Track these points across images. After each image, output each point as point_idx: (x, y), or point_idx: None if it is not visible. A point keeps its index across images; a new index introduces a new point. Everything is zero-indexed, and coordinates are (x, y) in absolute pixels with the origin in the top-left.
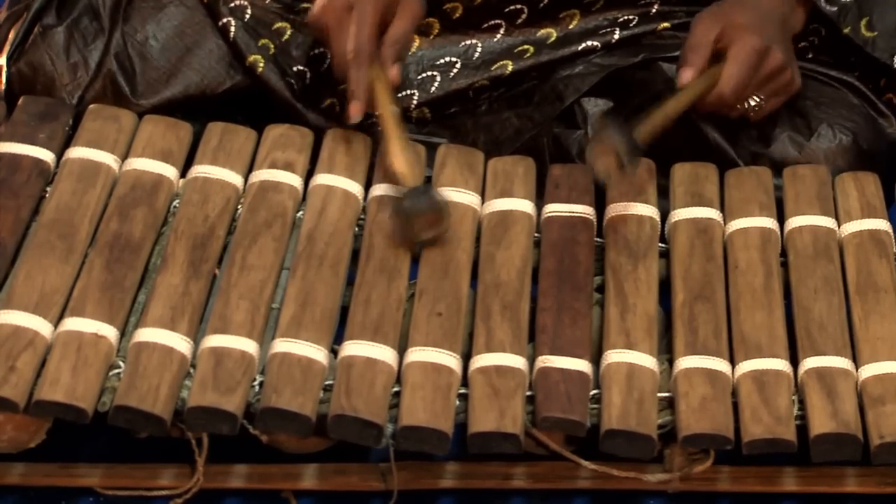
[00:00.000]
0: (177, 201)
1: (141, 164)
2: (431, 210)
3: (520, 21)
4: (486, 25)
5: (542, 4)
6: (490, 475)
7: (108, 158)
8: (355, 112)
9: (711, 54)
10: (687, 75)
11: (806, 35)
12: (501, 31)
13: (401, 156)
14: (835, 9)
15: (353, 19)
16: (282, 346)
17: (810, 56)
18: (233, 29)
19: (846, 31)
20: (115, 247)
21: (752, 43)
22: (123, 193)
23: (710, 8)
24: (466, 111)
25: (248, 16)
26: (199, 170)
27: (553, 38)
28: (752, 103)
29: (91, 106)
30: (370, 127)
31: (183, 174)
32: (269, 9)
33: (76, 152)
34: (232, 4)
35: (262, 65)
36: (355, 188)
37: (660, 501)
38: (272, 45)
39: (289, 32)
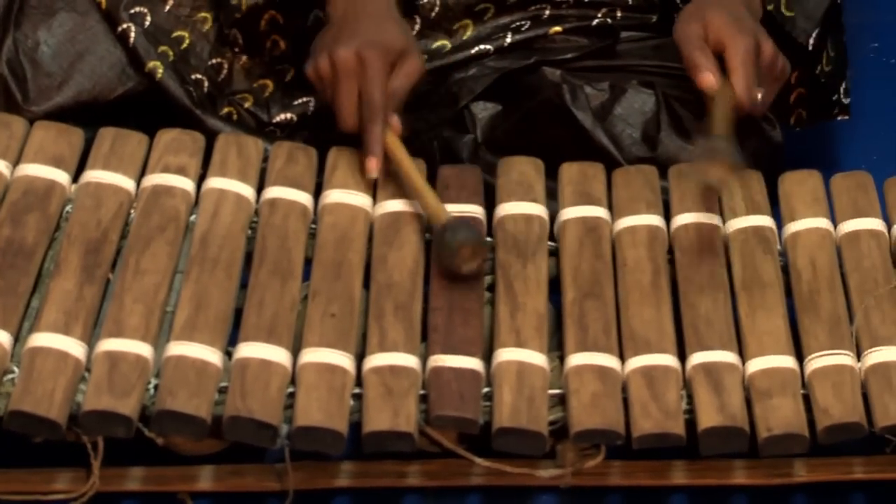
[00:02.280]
0: (69, 207)
1: (33, 169)
2: (473, 241)
3: (414, 32)
4: None
5: (433, 15)
6: (385, 474)
7: None
8: (374, 168)
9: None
10: (710, 78)
11: None
12: None
13: (430, 197)
14: None
15: (364, 75)
16: (176, 348)
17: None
18: (132, 35)
19: (769, 7)
20: (7, 253)
21: (745, 44)
22: (15, 199)
23: (686, 11)
24: None
25: (147, 23)
26: (92, 175)
27: (447, 49)
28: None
29: None
30: (266, 134)
31: (75, 179)
32: (169, 17)
33: None
34: (132, 11)
35: (161, 71)
36: (247, 191)
37: (552, 497)
38: (171, 53)
39: (187, 41)
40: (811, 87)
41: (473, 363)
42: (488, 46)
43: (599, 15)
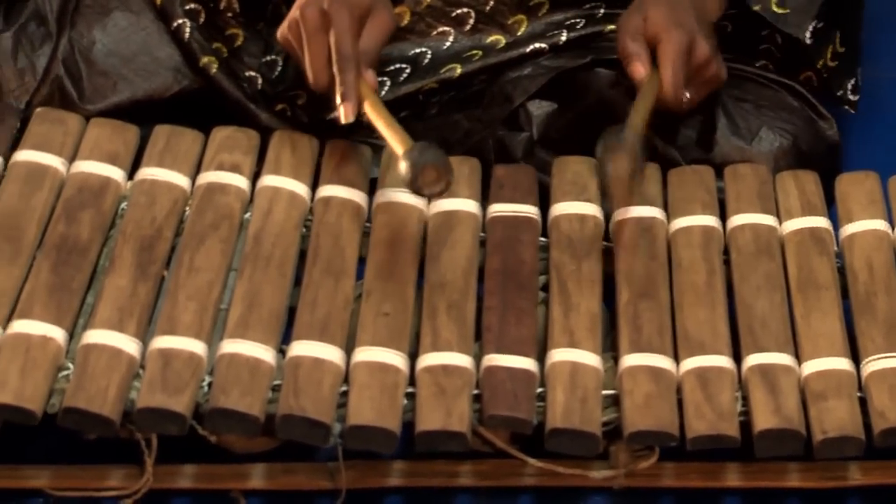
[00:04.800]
0: (124, 203)
1: (88, 166)
2: (437, 163)
3: (468, 27)
4: (434, 33)
5: (487, 8)
6: (437, 473)
7: (55, 161)
8: (349, 112)
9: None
10: (640, 69)
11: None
12: (451, 38)
13: (395, 131)
14: None
15: (332, 28)
16: (230, 346)
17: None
18: (187, 30)
19: (756, 8)
20: (62, 249)
21: (677, 40)
22: (70, 196)
23: (633, 4)
24: (417, 114)
25: (202, 19)
26: (147, 172)
27: (502, 45)
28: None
29: (38, 109)
30: (319, 131)
31: (130, 177)
32: (223, 15)
33: (23, 155)
34: (187, 7)
35: (215, 67)
36: (302, 189)
37: (605, 498)
38: (225, 50)
39: (241, 39)
40: (815, 81)
41: (527, 363)
42: (543, 45)
43: None
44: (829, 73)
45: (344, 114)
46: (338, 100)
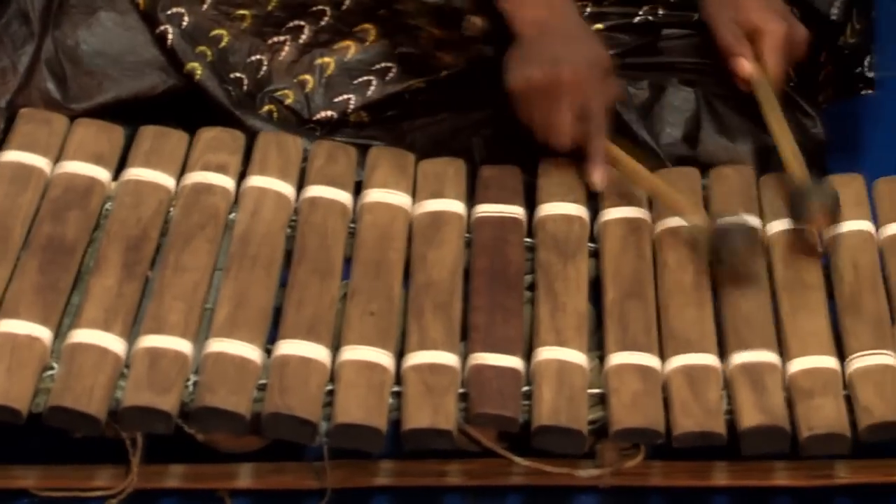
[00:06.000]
0: (109, 204)
1: (73, 166)
2: (753, 241)
3: None
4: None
5: None
6: (424, 473)
7: (40, 161)
8: (602, 179)
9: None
10: (746, 65)
11: None
12: None
13: (677, 196)
14: None
15: (587, 91)
16: (216, 345)
17: None
18: (170, 36)
19: None
20: (48, 249)
21: (779, 30)
22: (56, 196)
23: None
24: (404, 114)
25: (185, 23)
26: (132, 172)
27: None
28: None
29: (22, 110)
30: (306, 132)
31: (115, 177)
32: (206, 16)
33: (8, 156)
34: (169, 12)
35: (199, 72)
36: (287, 190)
37: (592, 497)
38: (209, 53)
39: (226, 40)
40: (835, 60)
41: (514, 361)
42: None
43: (641, 12)
44: (850, 50)
45: (597, 181)
46: (592, 165)
